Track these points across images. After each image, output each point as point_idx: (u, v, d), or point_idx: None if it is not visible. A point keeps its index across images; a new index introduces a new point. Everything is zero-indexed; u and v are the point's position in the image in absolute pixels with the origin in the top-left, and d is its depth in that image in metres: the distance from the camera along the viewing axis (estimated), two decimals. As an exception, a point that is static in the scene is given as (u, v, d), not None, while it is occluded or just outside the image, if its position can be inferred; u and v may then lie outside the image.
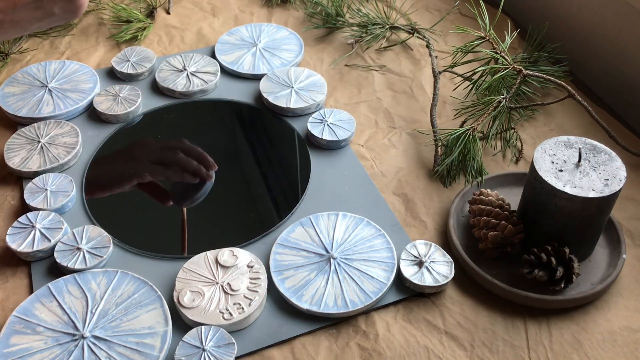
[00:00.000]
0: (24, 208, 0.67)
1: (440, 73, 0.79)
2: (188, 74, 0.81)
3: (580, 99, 0.69)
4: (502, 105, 0.69)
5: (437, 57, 0.83)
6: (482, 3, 0.75)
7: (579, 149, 0.57)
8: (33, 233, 0.62)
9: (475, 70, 0.74)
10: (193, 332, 0.54)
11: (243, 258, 0.60)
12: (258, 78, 0.82)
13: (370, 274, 0.59)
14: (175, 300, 0.57)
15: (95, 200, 0.68)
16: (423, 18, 0.93)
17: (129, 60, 0.83)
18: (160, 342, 0.55)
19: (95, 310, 0.57)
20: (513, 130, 0.74)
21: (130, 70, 0.82)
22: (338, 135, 0.72)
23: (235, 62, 0.84)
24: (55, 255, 0.60)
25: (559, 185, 0.55)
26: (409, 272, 0.59)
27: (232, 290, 0.58)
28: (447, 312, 0.58)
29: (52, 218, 0.63)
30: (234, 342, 0.54)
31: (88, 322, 0.56)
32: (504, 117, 0.72)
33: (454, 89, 0.78)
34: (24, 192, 0.66)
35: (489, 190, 0.63)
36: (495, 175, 0.68)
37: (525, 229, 0.60)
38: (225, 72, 0.83)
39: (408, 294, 0.59)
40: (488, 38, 0.73)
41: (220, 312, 0.56)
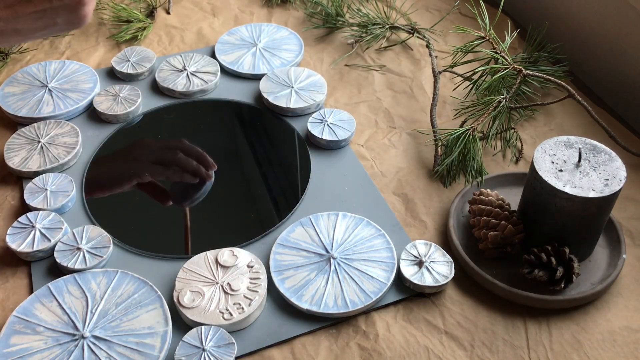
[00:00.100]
0: (24, 208, 0.67)
1: (440, 73, 0.79)
2: (188, 74, 0.81)
3: (580, 99, 0.69)
4: (502, 105, 0.69)
5: (437, 57, 0.83)
6: (482, 3, 0.74)
7: (579, 149, 0.57)
8: (33, 233, 0.62)
9: (475, 70, 0.74)
10: (193, 332, 0.54)
11: (243, 258, 0.60)
12: (258, 78, 0.82)
13: (370, 274, 0.59)
14: (175, 300, 0.57)
15: (95, 200, 0.68)
16: (423, 18, 0.93)
17: (129, 60, 0.83)
18: (160, 342, 0.55)
19: (95, 310, 0.57)
20: (513, 130, 0.74)
21: (130, 70, 0.82)
22: (338, 135, 0.72)
23: (235, 62, 0.84)
24: (55, 255, 0.60)
25: (559, 185, 0.55)
26: (409, 272, 0.59)
27: (232, 290, 0.58)
28: (447, 312, 0.58)
29: (52, 218, 0.63)
30: (234, 342, 0.54)
31: (88, 322, 0.56)
32: (504, 117, 0.72)
33: (454, 89, 0.78)
34: (24, 192, 0.66)
35: (489, 190, 0.63)
36: (495, 175, 0.68)
37: (525, 229, 0.60)
38: (225, 72, 0.83)
39: (408, 294, 0.59)
40: (488, 38, 0.73)
41: (220, 312, 0.56)
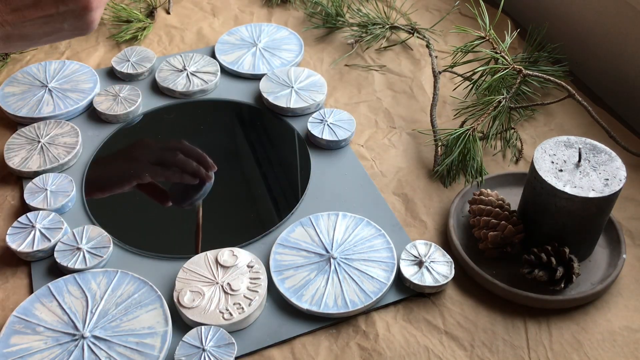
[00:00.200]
0: (24, 208, 0.67)
1: (440, 73, 0.79)
2: (188, 74, 0.81)
3: (580, 99, 0.69)
4: (502, 105, 0.69)
5: (437, 57, 0.83)
6: (482, 3, 0.74)
7: (579, 149, 0.57)
8: (33, 233, 0.62)
9: (475, 70, 0.74)
10: (193, 332, 0.54)
11: (243, 258, 0.60)
12: (258, 78, 0.82)
13: (370, 274, 0.59)
14: (175, 300, 0.57)
15: (95, 200, 0.68)
16: (423, 18, 0.93)
17: (129, 60, 0.83)
18: (160, 342, 0.55)
19: (95, 310, 0.57)
20: (513, 130, 0.74)
21: (130, 70, 0.82)
22: (338, 135, 0.72)
23: (235, 62, 0.84)
24: (55, 255, 0.60)
25: (559, 185, 0.55)
26: (409, 272, 0.59)
27: (232, 290, 0.58)
28: (447, 312, 0.58)
29: (52, 218, 0.63)
30: (234, 342, 0.54)
31: (88, 322, 0.56)
32: (504, 117, 0.72)
33: (454, 89, 0.78)
34: (24, 192, 0.66)
35: (489, 190, 0.63)
36: (495, 175, 0.68)
37: (525, 229, 0.60)
38: (225, 72, 0.83)
39: (408, 294, 0.59)
40: (488, 38, 0.73)
41: (220, 312, 0.56)
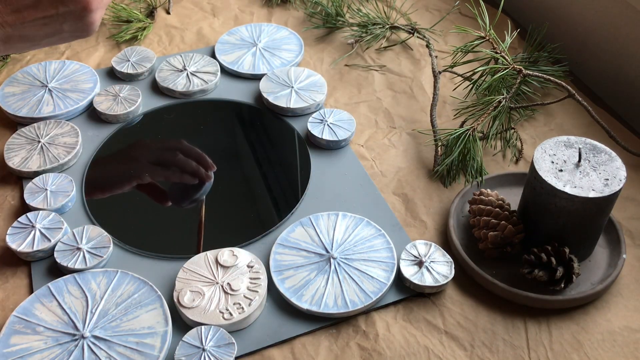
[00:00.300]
0: (24, 208, 0.67)
1: (440, 73, 0.79)
2: (188, 74, 0.81)
3: (580, 99, 0.69)
4: (502, 105, 0.69)
5: (437, 57, 0.83)
6: (482, 3, 0.74)
7: (579, 149, 0.57)
8: (33, 233, 0.62)
9: (475, 70, 0.74)
10: (193, 332, 0.54)
11: (243, 258, 0.60)
12: (258, 78, 0.82)
13: (370, 274, 0.59)
14: (175, 300, 0.57)
15: (95, 200, 0.68)
16: (423, 18, 0.93)
17: (129, 60, 0.83)
18: (160, 342, 0.55)
19: (95, 310, 0.57)
20: (513, 130, 0.74)
21: (130, 70, 0.82)
22: (338, 135, 0.72)
23: (235, 62, 0.84)
24: (55, 255, 0.60)
25: (559, 185, 0.55)
26: (409, 272, 0.59)
27: (232, 290, 0.58)
28: (447, 312, 0.58)
29: (52, 218, 0.63)
30: (234, 342, 0.54)
31: (88, 322, 0.56)
32: (504, 117, 0.72)
33: (454, 89, 0.78)
34: (24, 192, 0.66)
35: (489, 190, 0.63)
36: (495, 175, 0.68)
37: (525, 229, 0.60)
38: (225, 72, 0.83)
39: (408, 294, 0.59)
40: (488, 38, 0.73)
41: (220, 312, 0.56)
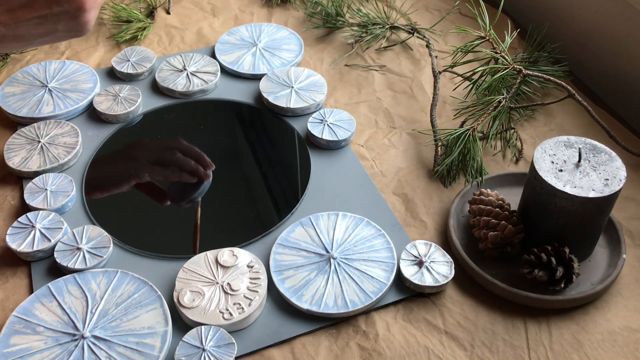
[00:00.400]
0: (24, 208, 0.67)
1: (440, 73, 0.79)
2: (188, 74, 0.81)
3: (580, 99, 0.69)
4: (502, 105, 0.69)
5: (437, 57, 0.83)
6: (482, 3, 0.74)
7: (579, 149, 0.57)
8: (33, 233, 0.62)
9: (475, 70, 0.74)
10: (193, 332, 0.54)
11: (243, 258, 0.60)
12: (258, 78, 0.82)
13: (370, 274, 0.59)
14: (175, 300, 0.57)
15: (95, 200, 0.68)
16: (423, 18, 0.93)
17: (129, 60, 0.83)
18: (160, 342, 0.55)
19: (95, 310, 0.57)
20: (513, 130, 0.74)
21: (130, 70, 0.82)
22: (338, 135, 0.72)
23: (235, 62, 0.84)
24: (55, 255, 0.60)
25: (559, 185, 0.55)
26: (409, 272, 0.59)
27: (232, 290, 0.58)
28: (447, 312, 0.58)
29: (52, 218, 0.63)
30: (234, 342, 0.54)
31: (88, 322, 0.56)
32: (504, 117, 0.72)
33: (454, 89, 0.78)
34: (24, 192, 0.66)
35: (489, 190, 0.63)
36: (495, 175, 0.68)
37: (525, 229, 0.60)
38: (225, 72, 0.83)
39: (408, 294, 0.59)
40: (488, 38, 0.73)
41: (220, 312, 0.56)
